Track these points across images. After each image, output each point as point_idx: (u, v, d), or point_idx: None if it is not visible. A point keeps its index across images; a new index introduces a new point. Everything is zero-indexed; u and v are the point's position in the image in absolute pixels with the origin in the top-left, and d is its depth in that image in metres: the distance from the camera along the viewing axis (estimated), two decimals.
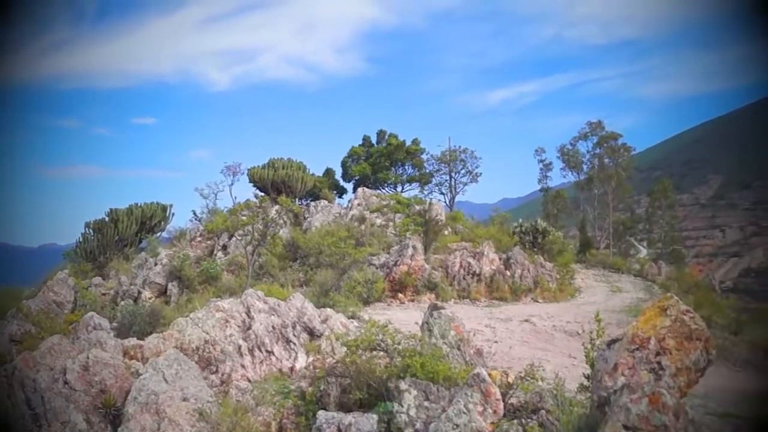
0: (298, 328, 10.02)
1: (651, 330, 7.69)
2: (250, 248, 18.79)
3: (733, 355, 15.08)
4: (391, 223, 26.38)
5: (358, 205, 28.83)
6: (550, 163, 46.26)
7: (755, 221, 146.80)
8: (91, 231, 26.35)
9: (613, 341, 8.02)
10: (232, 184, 29.23)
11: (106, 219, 26.67)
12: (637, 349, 7.59)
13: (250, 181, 30.61)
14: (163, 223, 28.52)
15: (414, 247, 19.79)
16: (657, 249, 46.40)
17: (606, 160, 43.96)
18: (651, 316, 8.08)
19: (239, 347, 9.16)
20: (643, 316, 8.20)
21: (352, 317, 13.05)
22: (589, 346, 7.69)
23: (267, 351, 9.35)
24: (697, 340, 7.71)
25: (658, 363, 7.14)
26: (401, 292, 18.70)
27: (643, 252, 40.36)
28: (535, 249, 24.71)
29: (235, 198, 29.38)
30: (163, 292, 20.74)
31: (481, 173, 40.85)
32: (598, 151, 44.19)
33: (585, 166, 44.86)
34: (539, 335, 14.25)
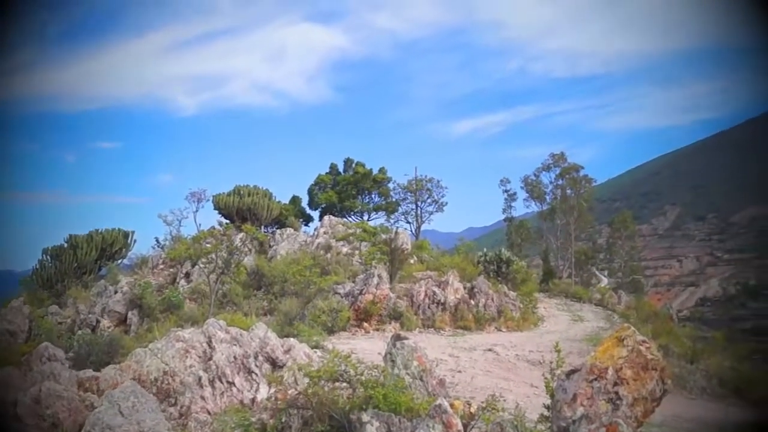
0: (260, 358, 9.91)
1: (609, 360, 7.83)
2: (213, 276, 18.57)
3: (689, 383, 15.39)
4: (357, 252, 26.38)
5: (324, 233, 28.79)
6: (515, 194, 46.96)
7: (710, 252, 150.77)
8: (48, 257, 25.74)
9: (573, 371, 8.12)
10: (196, 210, 28.90)
11: (65, 245, 26.10)
12: (596, 379, 7.70)
13: (215, 208, 30.37)
14: (124, 249, 28.00)
15: (379, 276, 19.80)
16: (617, 278, 47.21)
17: (568, 191, 44.77)
18: (609, 346, 8.23)
19: (199, 378, 9.01)
20: (601, 347, 8.34)
21: (315, 347, 12.95)
22: (549, 377, 7.77)
23: (228, 382, 9.21)
24: (653, 370, 7.87)
25: (616, 393, 7.24)
26: (366, 322, 18.63)
27: (604, 281, 41.01)
28: (499, 278, 24.94)
29: (200, 225, 29.05)
30: (122, 321, 20.30)
31: (446, 202, 41.24)
32: (560, 182, 45.01)
33: (548, 197, 45.60)
34: (502, 365, 14.33)
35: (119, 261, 27.46)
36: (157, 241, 27.64)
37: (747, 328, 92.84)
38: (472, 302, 20.82)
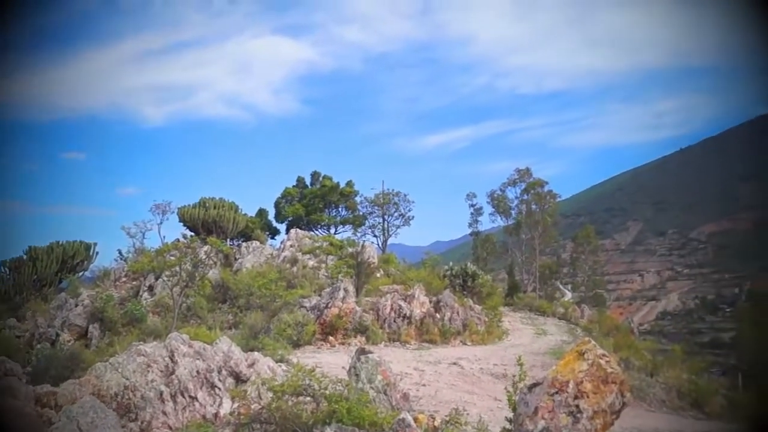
0: (223, 372, 9.82)
1: (570, 374, 7.96)
2: (177, 289, 18.34)
3: (649, 396, 15.69)
4: (323, 265, 26.33)
5: (291, 246, 28.68)
6: (481, 208, 47.48)
7: (671, 267, 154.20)
8: (6, 270, 25.16)
9: (535, 385, 8.24)
10: (160, 223, 28.58)
11: (24, 257, 25.54)
12: (557, 392, 7.82)
13: (180, 221, 30.04)
14: (86, 262, 27.50)
15: (345, 290, 19.79)
16: (580, 292, 47.95)
17: (533, 206, 45.42)
18: (570, 360, 8.37)
19: (161, 393, 8.89)
20: (563, 361, 8.48)
21: (280, 361, 12.88)
22: (511, 390, 7.87)
23: (190, 397, 9.11)
24: (612, 384, 8.02)
25: (576, 406, 7.36)
26: (332, 335, 18.58)
27: (568, 295, 41.60)
28: (465, 292, 25.14)
29: (164, 238, 28.73)
30: (83, 335, 19.89)
31: (413, 216, 41.53)
32: (525, 197, 45.66)
33: (513, 212, 46.21)
34: (467, 378, 14.43)
35: (80, 273, 26.96)
36: (120, 253, 27.25)
37: (705, 342, 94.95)
38: (438, 316, 20.93)
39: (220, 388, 9.48)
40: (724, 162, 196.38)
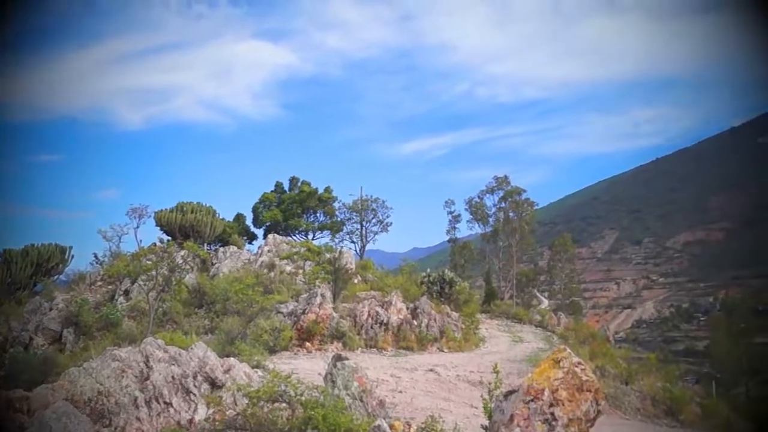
0: (199, 378, 9.75)
1: (545, 382, 8.04)
2: (153, 294, 18.17)
3: (624, 403, 15.85)
4: (301, 271, 26.26)
5: (268, 251, 28.57)
6: (459, 215, 47.74)
7: (646, 275, 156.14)
8: None
9: (510, 392, 8.31)
10: (137, 227, 28.28)
11: None
12: (532, 400, 7.89)
13: (156, 225, 29.75)
14: (61, 265, 27.12)
15: (323, 296, 19.75)
16: (557, 300, 48.31)
17: (511, 214, 45.77)
18: (545, 368, 8.45)
19: (135, 398, 8.80)
20: (538, 368, 8.56)
21: (256, 367, 12.81)
22: (487, 397, 7.91)
23: (165, 402, 9.03)
24: (587, 392, 8.12)
25: (552, 414, 7.43)
26: (308, 341, 18.52)
27: (545, 303, 41.89)
28: (442, 299, 25.20)
29: (141, 241, 28.42)
30: (57, 339, 19.61)
31: (391, 223, 41.58)
32: (503, 204, 46.03)
33: (491, 219, 46.51)
34: (443, 385, 14.47)
35: (55, 277, 26.59)
36: (96, 257, 26.91)
37: (680, 350, 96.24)
38: (415, 322, 20.96)
39: (195, 394, 9.41)
40: (697, 173, 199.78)
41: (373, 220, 41.31)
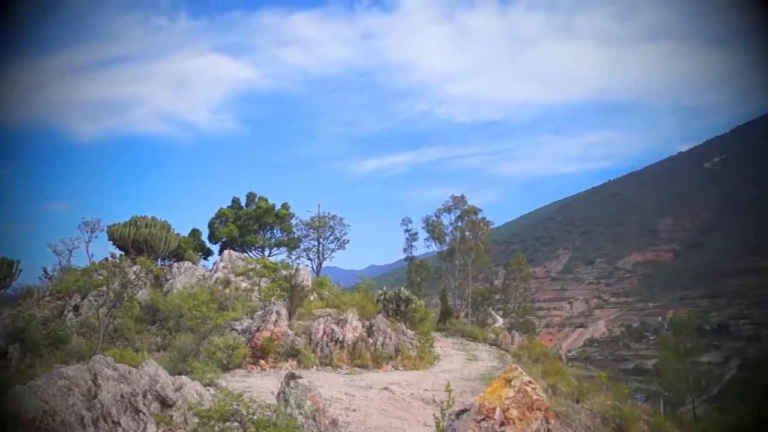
0: (149, 396, 9.58)
1: (496, 401, 8.19)
2: (103, 310, 17.76)
3: (575, 422, 16.10)
4: (256, 288, 26.03)
5: (224, 267, 28.26)
6: (416, 233, 48.04)
7: (598, 294, 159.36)
8: None
9: (462, 411, 8.42)
10: (89, 241, 27.48)
11: None
12: (484, 419, 8.02)
13: (109, 239, 29.09)
14: (8, 279, 26.18)
15: (278, 313, 19.62)
16: (511, 319, 48.91)
17: (467, 233, 46.25)
18: (497, 387, 8.61)
19: (82, 418, 8.60)
20: (490, 387, 8.72)
21: (209, 385, 12.63)
22: (439, 416, 7.99)
23: (113, 422, 8.84)
24: (537, 410, 8.31)
25: None
26: (263, 359, 18.34)
27: (500, 321, 42.41)
28: (398, 317, 25.28)
29: (92, 256, 27.70)
30: (2, 356, 18.93)
31: (348, 240, 41.59)
32: (460, 223, 46.49)
33: (448, 238, 46.93)
34: (397, 403, 14.50)
35: (2, 291, 25.65)
36: (45, 271, 26.11)
37: (630, 368, 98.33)
38: (371, 340, 20.98)
39: (144, 413, 9.24)
40: (646, 196, 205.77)
41: (331, 237, 41.26)
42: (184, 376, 11.23)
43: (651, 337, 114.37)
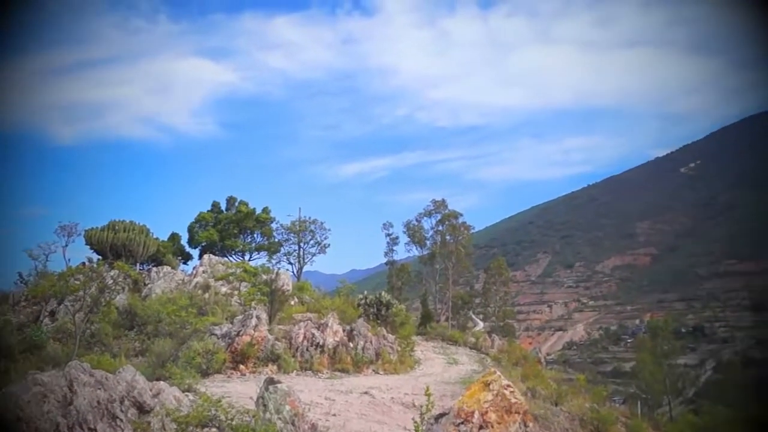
0: (126, 402, 9.49)
1: (475, 404, 8.24)
2: (80, 315, 17.54)
3: (553, 424, 16.23)
4: (236, 292, 25.89)
5: (203, 272, 28.07)
6: (397, 238, 48.10)
7: (577, 298, 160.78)
8: None
9: (441, 415, 8.46)
10: (66, 245, 27.14)
11: None
12: (462, 422, 8.06)
13: (86, 244, 28.76)
14: None
15: (258, 317, 19.53)
16: (492, 322, 49.18)
17: (448, 237, 46.42)
18: (475, 390, 8.66)
19: (57, 425, 8.50)
20: (469, 391, 8.76)
21: (187, 390, 12.54)
22: (419, 420, 8.01)
23: (89, 428, 8.74)
24: (516, 413, 8.37)
25: None
26: (243, 364, 18.24)
27: (480, 325, 42.66)
28: (379, 321, 25.29)
29: (69, 261, 27.34)
30: None
31: (329, 244, 41.54)
32: (440, 228, 46.64)
33: (428, 242, 47.07)
34: (377, 408, 14.50)
35: None
36: (21, 276, 25.71)
37: (608, 371, 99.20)
38: (351, 345, 20.96)
39: (122, 420, 9.15)
40: (625, 200, 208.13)
41: (311, 242, 41.19)
42: (162, 382, 11.14)
43: (629, 340, 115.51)
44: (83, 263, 26.66)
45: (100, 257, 27.90)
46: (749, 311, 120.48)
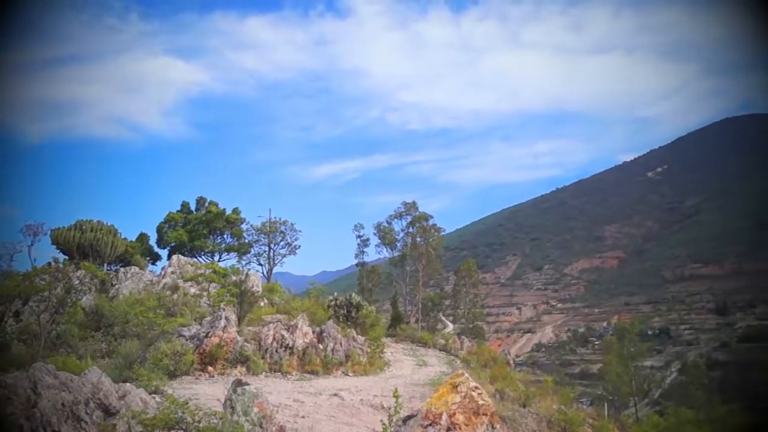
0: (91, 405, 9.40)
1: (443, 406, 8.34)
2: (45, 316, 17.25)
3: (521, 426, 16.43)
4: (205, 293, 25.68)
5: (172, 273, 27.79)
6: (367, 239, 48.12)
7: (546, 300, 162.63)
8: None
9: (409, 417, 8.54)
10: (31, 245, 26.68)
11: None
12: (430, 424, 8.15)
13: (53, 243, 28.30)
14: None
15: (227, 319, 19.40)
16: (461, 324, 49.50)
17: (418, 239, 46.58)
18: (443, 392, 8.77)
19: (21, 427, 8.39)
20: (437, 393, 8.86)
21: (154, 392, 12.43)
22: (387, 422, 8.07)
23: (53, 431, 8.64)
24: (483, 415, 8.49)
25: None
26: (211, 365, 18.11)
27: (450, 327, 42.85)
28: (349, 323, 25.31)
29: (34, 261, 26.87)
30: None
31: (300, 246, 41.42)
32: (411, 230, 46.77)
33: (399, 244, 47.16)
34: (346, 409, 14.53)
35: None
36: None
37: (575, 373, 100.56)
38: (321, 346, 20.95)
39: (86, 422, 9.06)
40: (593, 203, 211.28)
41: (282, 243, 41.00)
42: (128, 384, 11.04)
43: (596, 342, 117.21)
44: (49, 263, 26.20)
45: (66, 257, 27.49)
46: (713, 314, 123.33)
